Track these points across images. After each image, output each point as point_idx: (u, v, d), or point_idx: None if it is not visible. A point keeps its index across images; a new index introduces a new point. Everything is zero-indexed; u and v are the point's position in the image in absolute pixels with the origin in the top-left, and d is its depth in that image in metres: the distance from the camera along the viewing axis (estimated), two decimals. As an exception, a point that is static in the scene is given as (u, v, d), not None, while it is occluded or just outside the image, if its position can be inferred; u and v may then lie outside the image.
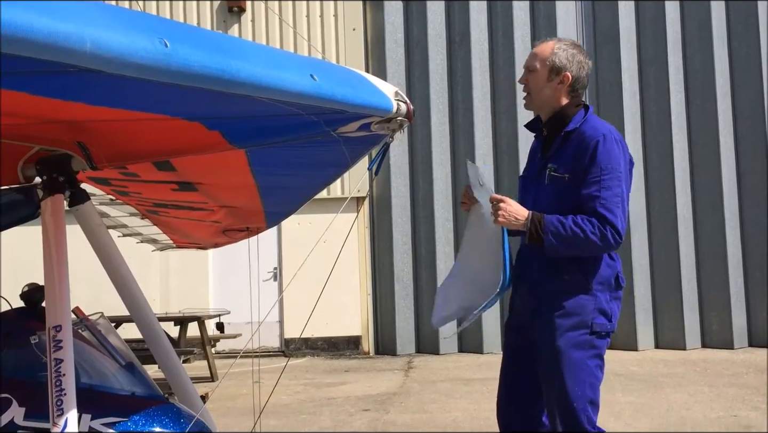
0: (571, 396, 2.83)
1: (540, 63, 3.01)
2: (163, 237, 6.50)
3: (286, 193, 3.95)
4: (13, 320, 3.14)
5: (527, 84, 3.06)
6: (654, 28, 11.04)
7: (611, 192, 2.83)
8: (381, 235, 11.49)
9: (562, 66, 2.98)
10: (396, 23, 11.55)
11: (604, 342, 2.92)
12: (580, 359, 2.85)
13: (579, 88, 3.03)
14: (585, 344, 2.86)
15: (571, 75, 2.99)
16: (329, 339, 11.33)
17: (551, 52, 3.00)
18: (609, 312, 2.91)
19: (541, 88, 3.02)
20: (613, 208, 2.82)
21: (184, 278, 11.44)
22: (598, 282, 2.89)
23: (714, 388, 7.39)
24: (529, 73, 3.05)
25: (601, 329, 2.88)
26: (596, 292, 2.88)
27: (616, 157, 2.90)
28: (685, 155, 11.00)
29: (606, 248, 2.84)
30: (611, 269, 2.93)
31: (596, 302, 2.87)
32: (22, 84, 1.66)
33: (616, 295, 2.95)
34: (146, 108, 2.08)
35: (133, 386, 3.06)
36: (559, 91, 3.00)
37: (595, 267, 2.89)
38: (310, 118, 2.30)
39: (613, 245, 2.83)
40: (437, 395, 7.52)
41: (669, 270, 10.79)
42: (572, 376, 2.83)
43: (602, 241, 2.79)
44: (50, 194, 2.69)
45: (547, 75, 2.99)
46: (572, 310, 2.86)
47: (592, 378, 2.87)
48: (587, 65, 3.05)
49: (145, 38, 1.43)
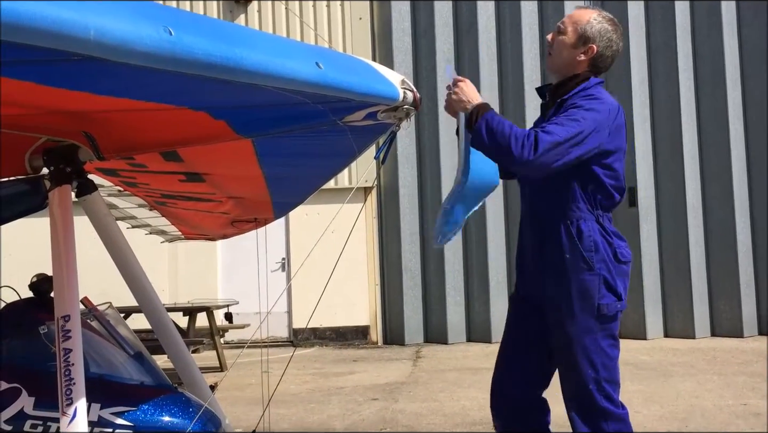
0: (586, 380, 2.82)
1: (572, 27, 2.97)
2: (171, 228, 6.52)
3: (294, 183, 3.95)
4: (23, 310, 3.15)
5: (553, 43, 3.03)
6: (663, 15, 10.95)
7: (556, 125, 2.75)
8: (389, 225, 11.49)
9: (592, 37, 2.94)
10: (403, 12, 11.50)
11: (614, 322, 2.88)
12: (591, 342, 2.83)
13: (600, 64, 2.98)
14: (595, 327, 2.83)
15: (597, 49, 2.94)
16: (337, 329, 11.35)
17: (587, 21, 2.95)
18: (616, 289, 2.86)
19: (562, 51, 2.98)
20: (550, 130, 2.71)
21: (193, 268, 11.48)
22: (600, 259, 2.84)
23: (723, 376, 7.37)
24: (558, 33, 3.01)
25: (609, 310, 2.84)
26: (599, 269, 2.83)
27: (589, 110, 2.80)
28: (694, 143, 10.93)
29: (516, 153, 2.65)
30: (609, 245, 2.87)
31: (600, 280, 2.83)
32: (28, 73, 1.65)
33: (620, 270, 2.89)
34: (152, 98, 2.08)
35: (141, 375, 3.07)
36: (579, 61, 2.96)
37: (594, 243, 2.85)
38: (316, 107, 2.29)
39: (525, 153, 2.65)
40: (445, 384, 7.53)
41: (678, 259, 10.75)
42: (585, 360, 2.82)
43: (519, 146, 2.65)
44: (57, 185, 2.70)
45: (575, 41, 2.95)
46: (577, 293, 2.83)
47: (606, 359, 2.84)
48: (616, 45, 2.99)
49: (149, 26, 1.42)
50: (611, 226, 2.93)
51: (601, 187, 2.88)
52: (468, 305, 11.14)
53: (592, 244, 2.84)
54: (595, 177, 2.87)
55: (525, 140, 2.67)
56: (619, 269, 2.88)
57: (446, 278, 11.09)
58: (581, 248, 2.83)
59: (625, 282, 2.91)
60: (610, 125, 2.85)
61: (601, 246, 2.85)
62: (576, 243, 2.84)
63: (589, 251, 2.83)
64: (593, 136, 2.78)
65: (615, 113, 2.89)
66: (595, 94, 2.91)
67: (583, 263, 2.83)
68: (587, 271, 2.83)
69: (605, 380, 2.83)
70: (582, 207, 2.87)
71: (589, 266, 2.83)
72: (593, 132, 2.79)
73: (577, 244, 2.84)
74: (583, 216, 2.86)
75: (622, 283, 2.89)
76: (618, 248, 2.89)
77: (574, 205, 2.87)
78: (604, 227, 2.89)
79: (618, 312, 2.88)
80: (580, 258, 2.83)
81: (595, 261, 2.83)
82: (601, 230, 2.87)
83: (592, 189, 2.87)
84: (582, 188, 2.87)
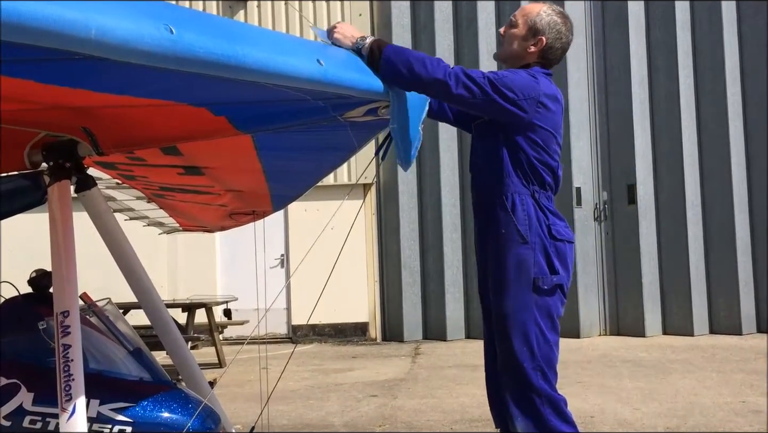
0: (519, 357, 2.80)
1: (522, 20, 3.04)
2: (169, 220, 6.51)
3: (293, 177, 3.95)
4: (22, 305, 3.15)
5: (505, 36, 3.08)
6: (663, 12, 10.94)
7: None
8: (388, 221, 11.49)
9: (541, 29, 3.00)
10: (402, 7, 11.49)
11: (553, 299, 2.87)
12: (528, 318, 2.82)
13: (550, 56, 3.04)
14: (531, 302, 2.83)
15: (546, 41, 3.00)
16: (336, 326, 11.36)
17: (536, 14, 3.02)
18: (552, 264, 2.86)
19: (513, 42, 3.03)
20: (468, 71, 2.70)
21: (192, 264, 11.48)
22: (535, 234, 2.86)
23: (722, 374, 7.38)
24: (510, 26, 3.07)
25: (544, 283, 2.84)
26: (533, 243, 2.85)
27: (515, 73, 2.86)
28: (693, 140, 10.93)
29: (433, 73, 2.60)
30: (544, 221, 2.89)
31: (535, 254, 2.85)
32: (28, 72, 1.65)
33: (556, 247, 2.88)
34: (152, 94, 2.07)
35: (141, 371, 3.07)
36: (528, 52, 3.01)
37: (528, 217, 2.87)
38: (317, 103, 2.29)
39: (441, 74, 2.61)
40: (444, 381, 7.53)
41: (677, 256, 10.76)
42: (520, 335, 2.81)
43: (434, 67, 2.61)
44: (57, 180, 2.69)
45: (525, 33, 3.02)
46: (513, 265, 2.85)
47: (541, 339, 2.83)
48: (566, 38, 3.05)
49: (150, 25, 1.42)
50: (549, 204, 2.95)
51: (529, 163, 2.89)
52: (467, 301, 11.15)
53: (525, 217, 2.87)
54: (521, 150, 2.89)
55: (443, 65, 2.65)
56: (555, 245, 2.89)
57: (445, 274, 11.10)
58: (515, 221, 2.87)
59: (564, 260, 2.90)
60: (537, 94, 2.85)
61: (534, 220, 2.88)
62: (510, 217, 2.88)
63: (524, 225, 2.87)
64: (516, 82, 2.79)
65: (546, 89, 2.90)
66: (533, 72, 2.94)
67: (518, 236, 2.86)
68: (522, 244, 2.86)
69: (541, 359, 2.81)
70: (515, 181, 2.90)
71: (523, 239, 2.86)
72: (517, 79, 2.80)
73: (511, 217, 2.88)
74: (516, 190, 2.90)
75: (560, 259, 2.89)
76: (553, 225, 2.91)
77: (508, 180, 2.90)
78: (539, 202, 2.91)
79: (556, 288, 2.87)
80: (515, 231, 2.87)
81: (530, 235, 2.86)
82: (535, 205, 2.90)
83: (521, 163, 2.89)
84: (512, 162, 2.90)
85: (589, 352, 9.25)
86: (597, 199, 11.10)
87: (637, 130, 10.86)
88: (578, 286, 10.58)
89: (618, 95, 10.98)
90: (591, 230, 10.98)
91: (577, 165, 10.89)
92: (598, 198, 11.10)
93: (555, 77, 3.10)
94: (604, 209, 11.09)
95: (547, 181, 2.96)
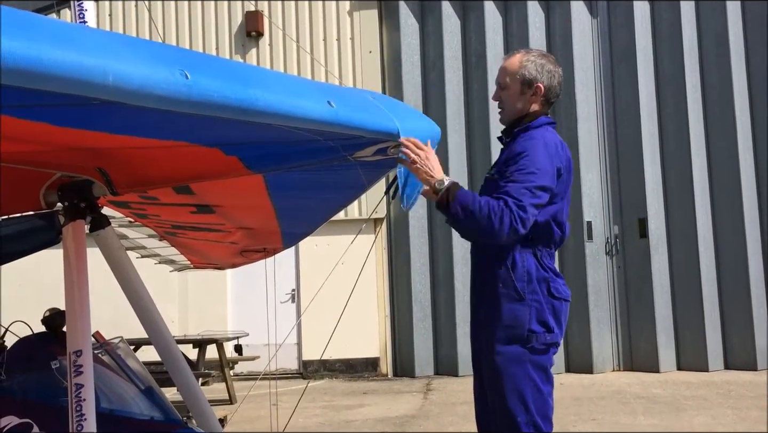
0: (513, 411, 2.77)
1: (510, 78, 2.99)
2: (180, 258, 6.54)
3: (303, 214, 3.97)
4: (35, 344, 3.16)
5: (501, 100, 3.05)
6: (671, 46, 11.02)
7: (518, 184, 2.77)
8: (399, 256, 11.48)
9: (533, 78, 2.96)
10: (412, 45, 11.62)
11: (546, 356, 2.84)
12: (519, 373, 2.79)
13: (552, 97, 3.02)
14: (523, 357, 2.80)
15: (544, 85, 2.97)
16: (347, 361, 11.29)
17: (520, 65, 2.98)
18: (547, 321, 2.83)
19: (514, 104, 3.00)
20: (519, 197, 2.74)
21: (203, 300, 11.49)
22: (532, 291, 2.83)
23: (737, 411, 7.27)
24: (501, 89, 3.04)
25: (538, 340, 2.81)
26: (530, 301, 2.82)
27: (536, 156, 2.84)
28: (704, 173, 10.92)
29: (501, 231, 2.69)
30: (545, 280, 2.86)
31: (531, 312, 2.82)
32: (45, 115, 1.68)
33: (553, 305, 2.86)
34: (166, 136, 2.11)
35: (152, 410, 3.07)
36: (532, 104, 2.99)
37: (528, 274, 2.84)
38: (328, 143, 2.32)
39: (507, 230, 2.69)
40: (456, 417, 7.46)
41: (690, 290, 10.67)
42: (513, 392, 2.78)
43: (499, 222, 2.68)
44: (71, 220, 2.72)
45: (520, 89, 2.98)
46: (507, 321, 2.82)
47: (535, 392, 2.79)
48: (558, 74, 3.03)
49: (165, 70, 1.45)
50: (550, 262, 2.93)
51: (535, 224, 2.84)
52: (478, 336, 11.06)
53: (525, 274, 2.84)
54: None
55: (502, 211, 2.69)
56: (553, 303, 2.87)
57: (456, 309, 11.05)
58: (513, 278, 2.84)
59: (559, 318, 2.88)
60: (557, 169, 2.88)
61: (534, 278, 2.85)
62: (510, 274, 2.85)
63: (522, 281, 2.84)
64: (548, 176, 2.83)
65: (560, 154, 2.92)
66: (543, 136, 2.93)
67: (515, 292, 2.84)
68: (518, 301, 2.83)
69: (535, 413, 2.78)
70: (518, 244, 2.86)
71: (520, 296, 2.83)
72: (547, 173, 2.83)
73: (510, 274, 2.85)
74: (518, 249, 2.87)
75: (555, 318, 2.86)
76: (553, 283, 2.88)
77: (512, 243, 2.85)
78: (541, 261, 2.89)
79: (549, 346, 2.85)
80: (512, 288, 2.84)
81: (527, 292, 2.83)
82: (537, 264, 2.87)
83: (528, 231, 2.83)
84: None
85: (603, 388, 9.15)
86: (608, 233, 11.07)
87: (647, 163, 10.87)
88: (591, 321, 10.50)
89: (627, 129, 11.01)
90: (602, 264, 10.93)
91: (587, 199, 10.89)
92: (610, 232, 11.07)
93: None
94: (616, 243, 11.05)
95: (554, 239, 2.93)
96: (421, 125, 2.72)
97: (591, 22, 11.30)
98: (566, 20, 11.18)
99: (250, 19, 11.71)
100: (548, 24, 11.35)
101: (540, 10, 11.35)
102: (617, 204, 11.07)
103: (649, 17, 11.17)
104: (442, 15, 11.49)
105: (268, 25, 11.67)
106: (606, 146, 11.13)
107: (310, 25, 11.80)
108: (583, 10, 11.28)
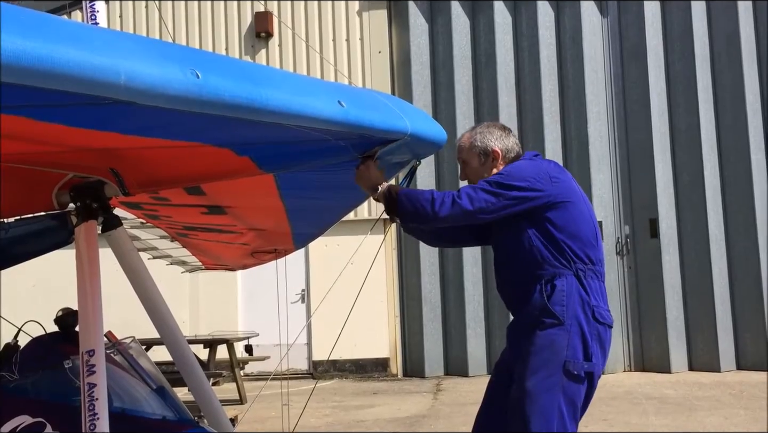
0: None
1: (467, 154, 3.14)
2: (192, 259, 6.56)
3: (314, 215, 3.98)
4: (48, 344, 3.18)
5: (468, 177, 3.16)
6: (681, 46, 10.97)
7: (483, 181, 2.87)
8: (408, 256, 11.48)
9: (486, 145, 3.09)
10: (422, 45, 11.62)
11: (579, 387, 2.76)
12: (549, 403, 2.71)
13: (512, 155, 3.11)
14: (556, 386, 2.72)
15: (499, 148, 3.09)
16: (357, 361, 11.30)
17: (470, 140, 3.13)
18: (587, 348, 2.76)
19: (481, 174, 3.09)
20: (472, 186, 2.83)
21: (214, 300, 11.52)
22: (572, 315, 2.76)
23: (750, 411, 7.23)
24: (464, 167, 3.17)
25: (575, 368, 2.73)
26: (569, 326, 2.75)
27: (509, 168, 2.96)
28: (715, 174, 10.86)
29: (443, 204, 2.72)
30: (586, 303, 2.80)
31: (570, 338, 2.74)
32: (58, 116, 1.69)
33: (596, 330, 2.79)
34: (178, 136, 2.12)
35: (163, 410, 3.07)
36: (493, 168, 3.08)
37: (567, 297, 2.78)
38: (338, 143, 2.33)
39: (449, 202, 2.72)
40: (466, 417, 7.44)
41: (702, 291, 10.62)
42: (540, 420, 2.70)
43: (441, 197, 2.74)
44: (84, 220, 2.74)
45: (480, 160, 3.10)
46: (543, 345, 2.75)
47: (561, 426, 2.71)
48: (506, 132, 3.15)
49: (177, 69, 1.46)
50: (595, 282, 2.86)
51: (563, 241, 2.83)
52: (488, 336, 11.06)
53: (563, 298, 2.78)
54: (551, 229, 2.85)
55: (445, 195, 2.76)
56: (596, 328, 2.80)
57: (466, 309, 11.03)
58: (550, 303, 2.78)
59: (603, 345, 2.81)
60: (545, 172, 2.92)
61: (575, 301, 2.78)
62: (546, 299, 2.79)
63: (560, 306, 2.77)
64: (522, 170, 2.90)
65: (547, 165, 3.00)
66: (524, 157, 3.10)
67: (553, 318, 2.77)
68: (557, 325, 2.76)
69: None
70: (556, 264, 2.83)
71: (558, 321, 2.76)
72: (521, 168, 2.92)
73: (546, 300, 2.79)
74: (558, 272, 2.82)
75: (597, 344, 2.79)
76: (597, 308, 2.82)
77: (546, 265, 2.83)
78: (584, 283, 2.82)
79: (584, 374, 2.76)
80: (550, 314, 2.77)
81: (566, 317, 2.76)
82: (578, 287, 2.81)
83: (556, 243, 2.84)
84: (544, 245, 2.84)
85: (614, 389, 9.11)
86: (619, 233, 11.03)
87: (658, 163, 10.82)
88: (601, 321, 10.46)
89: (638, 129, 10.97)
90: (613, 264, 10.89)
91: (598, 199, 10.85)
92: (620, 232, 11.03)
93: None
94: (626, 243, 11.00)
95: (591, 255, 2.87)
96: (429, 126, 2.72)
97: (601, 22, 11.26)
98: (576, 20, 11.14)
99: (259, 19, 11.74)
100: (558, 24, 11.32)
101: (550, 10, 11.32)
102: (628, 204, 11.03)
103: (659, 17, 11.12)
104: (451, 15, 11.48)
105: (277, 25, 11.69)
106: (617, 146, 11.09)
107: (320, 26, 11.81)
108: (593, 10, 11.24)
